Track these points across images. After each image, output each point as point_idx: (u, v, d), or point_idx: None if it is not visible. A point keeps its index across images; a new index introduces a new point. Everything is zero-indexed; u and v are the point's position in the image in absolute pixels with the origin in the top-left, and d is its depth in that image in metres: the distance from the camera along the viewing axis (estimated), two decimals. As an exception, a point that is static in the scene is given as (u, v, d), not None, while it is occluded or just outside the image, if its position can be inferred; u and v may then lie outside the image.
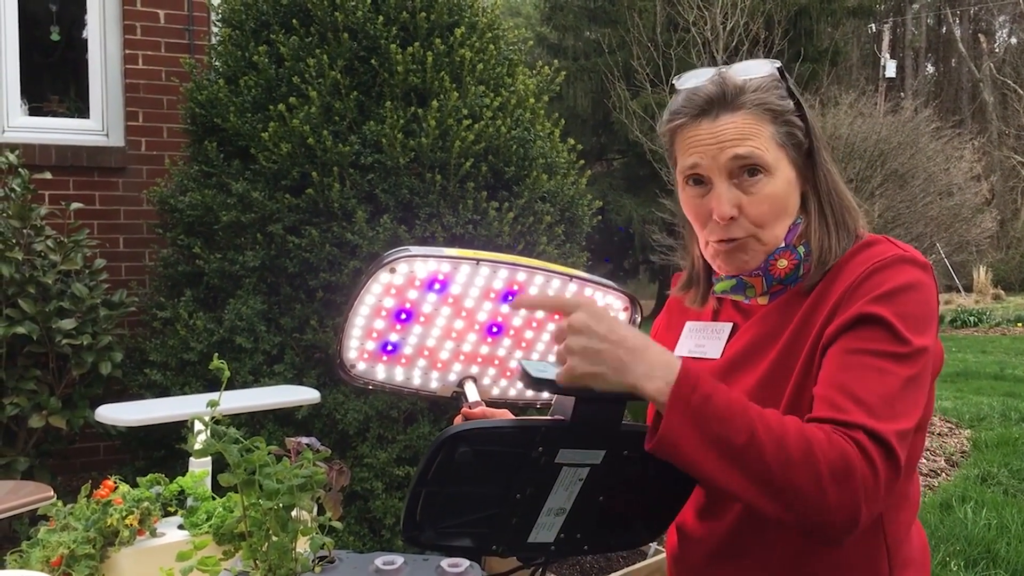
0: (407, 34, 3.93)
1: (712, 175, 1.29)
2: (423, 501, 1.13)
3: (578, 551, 1.23)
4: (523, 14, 25.28)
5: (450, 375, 1.49)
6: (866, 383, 1.15)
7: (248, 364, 3.64)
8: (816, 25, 16.68)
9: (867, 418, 1.11)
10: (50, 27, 5.76)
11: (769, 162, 1.28)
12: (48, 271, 3.97)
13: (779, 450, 1.07)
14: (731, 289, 1.38)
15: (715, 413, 1.08)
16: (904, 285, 1.22)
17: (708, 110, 1.29)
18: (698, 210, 1.33)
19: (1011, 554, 4.19)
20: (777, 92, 1.30)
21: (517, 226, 3.87)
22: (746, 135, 1.27)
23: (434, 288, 1.39)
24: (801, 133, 1.31)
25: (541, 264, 1.44)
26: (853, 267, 1.26)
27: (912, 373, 1.17)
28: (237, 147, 3.96)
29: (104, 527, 1.63)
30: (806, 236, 1.32)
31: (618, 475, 1.17)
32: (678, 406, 1.08)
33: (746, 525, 1.32)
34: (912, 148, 12.02)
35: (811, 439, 1.08)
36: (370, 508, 3.58)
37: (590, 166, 7.39)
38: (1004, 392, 8.68)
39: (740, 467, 1.08)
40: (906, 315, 1.20)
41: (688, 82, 1.34)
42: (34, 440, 4.03)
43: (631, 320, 1.50)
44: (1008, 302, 18.10)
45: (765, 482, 1.07)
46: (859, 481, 1.07)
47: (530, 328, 1.47)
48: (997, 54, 30.40)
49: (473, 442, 1.09)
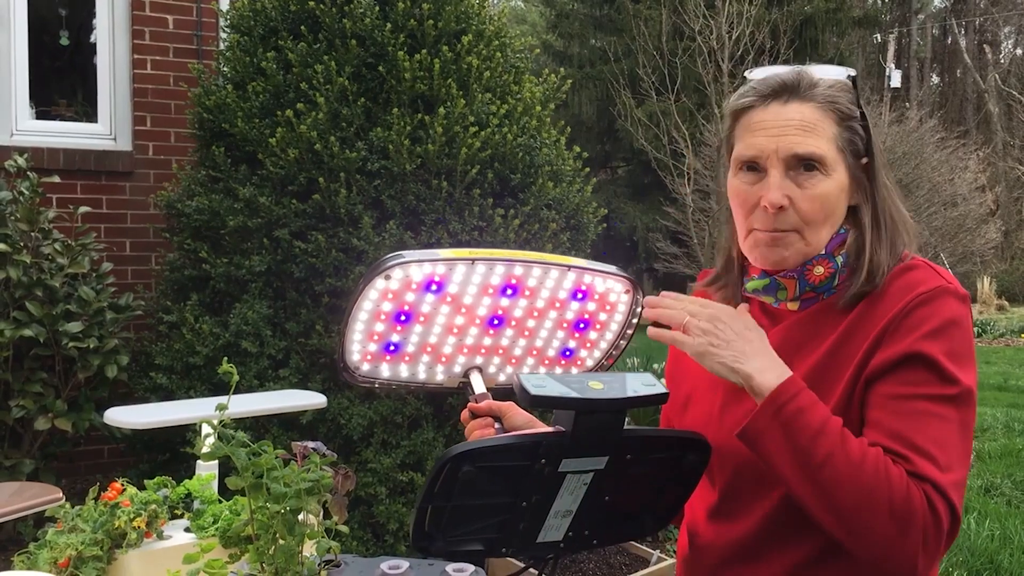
0: (415, 41, 3.95)
1: (769, 163, 1.29)
2: (431, 514, 1.14)
3: (587, 546, 1.26)
4: (529, 22, 25.35)
5: (455, 367, 1.50)
6: (926, 432, 1.18)
7: (253, 368, 3.66)
8: (821, 35, 16.71)
9: (933, 470, 1.15)
10: (59, 31, 5.79)
11: (828, 161, 1.28)
12: (55, 274, 3.98)
13: (852, 478, 1.13)
14: (763, 288, 1.36)
15: (803, 425, 1.16)
16: (950, 321, 1.23)
17: (780, 94, 1.30)
18: (747, 196, 1.32)
19: (1014, 565, 4.19)
20: (848, 96, 1.31)
21: (523, 233, 3.88)
22: (811, 129, 1.28)
23: (431, 289, 1.40)
24: (862, 143, 1.32)
25: (537, 256, 1.44)
26: (895, 293, 1.27)
27: (964, 417, 1.21)
28: (244, 152, 3.97)
29: (112, 529, 1.64)
30: (847, 248, 1.32)
31: (623, 476, 1.18)
32: (770, 408, 1.17)
33: (760, 530, 1.32)
34: (917, 158, 12.03)
35: (884, 476, 1.13)
36: (373, 513, 3.59)
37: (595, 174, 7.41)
38: (1008, 403, 8.67)
39: (812, 481, 1.15)
40: (953, 353, 1.22)
41: (764, 71, 1.35)
42: (39, 442, 4.05)
43: (633, 301, 1.51)
44: (1012, 313, 18.06)
45: (832, 503, 1.14)
46: (920, 529, 1.12)
47: (532, 317, 1.48)
48: (1002, 65, 30.39)
49: (476, 460, 1.10)
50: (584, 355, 1.56)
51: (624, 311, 1.52)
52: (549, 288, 1.46)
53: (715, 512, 1.39)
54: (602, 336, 1.54)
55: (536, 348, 1.52)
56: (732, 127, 1.36)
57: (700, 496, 1.41)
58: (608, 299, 1.50)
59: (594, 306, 1.50)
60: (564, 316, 1.50)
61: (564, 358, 1.55)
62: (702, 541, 1.41)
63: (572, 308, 1.49)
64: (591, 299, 1.49)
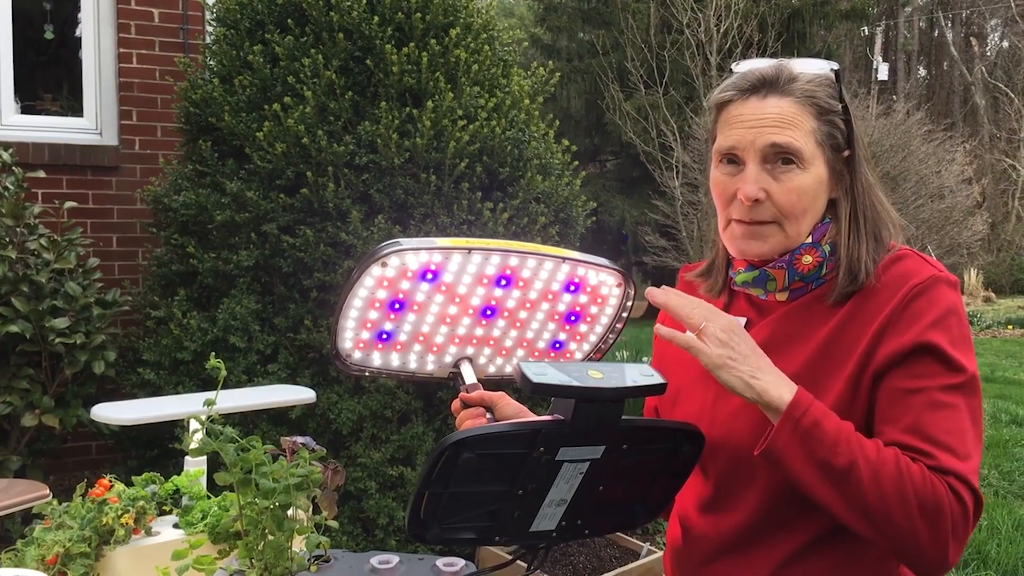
0: (402, 35, 3.93)
1: (747, 156, 1.30)
2: (427, 501, 1.14)
3: (579, 535, 1.26)
4: (517, 15, 25.30)
5: (446, 357, 1.50)
6: (941, 423, 1.20)
7: (242, 364, 3.64)
8: (809, 28, 16.72)
9: (954, 461, 1.18)
10: (44, 25, 5.75)
11: (805, 155, 1.29)
12: (41, 270, 3.96)
13: (875, 480, 1.15)
14: (752, 281, 1.37)
15: (821, 437, 1.17)
16: (949, 310, 1.25)
17: (759, 88, 1.31)
18: (725, 188, 1.34)
19: (1001, 555, 4.22)
20: (828, 91, 1.32)
21: (511, 227, 3.88)
22: (788, 123, 1.28)
23: (426, 278, 1.40)
24: (842, 137, 1.32)
25: (532, 248, 1.44)
26: (888, 284, 1.28)
27: (973, 402, 1.24)
28: (231, 146, 3.95)
29: (100, 526, 1.63)
30: (833, 239, 1.33)
31: (618, 466, 1.19)
32: (788, 424, 1.17)
33: (753, 521, 1.33)
34: (904, 151, 12.06)
35: (906, 475, 1.16)
36: (363, 508, 3.59)
37: (584, 167, 7.40)
38: (994, 394, 8.72)
39: (839, 490, 1.17)
40: (956, 341, 1.24)
41: (746, 65, 1.36)
42: (27, 439, 4.02)
43: (624, 295, 1.51)
44: (999, 304, 18.15)
45: (861, 508, 1.16)
46: (948, 521, 1.15)
47: (524, 309, 1.48)
48: (989, 57, 30.49)
49: (476, 447, 1.10)
50: (573, 348, 1.56)
51: (615, 304, 1.52)
52: (543, 280, 1.46)
53: (708, 504, 1.40)
54: (592, 329, 1.54)
55: (527, 340, 1.52)
56: (715, 119, 1.37)
57: (693, 489, 1.42)
58: (600, 292, 1.50)
59: (586, 299, 1.50)
60: (556, 308, 1.50)
61: (554, 350, 1.55)
62: (695, 533, 1.41)
63: (564, 300, 1.49)
64: (583, 292, 1.49)
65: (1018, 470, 5.88)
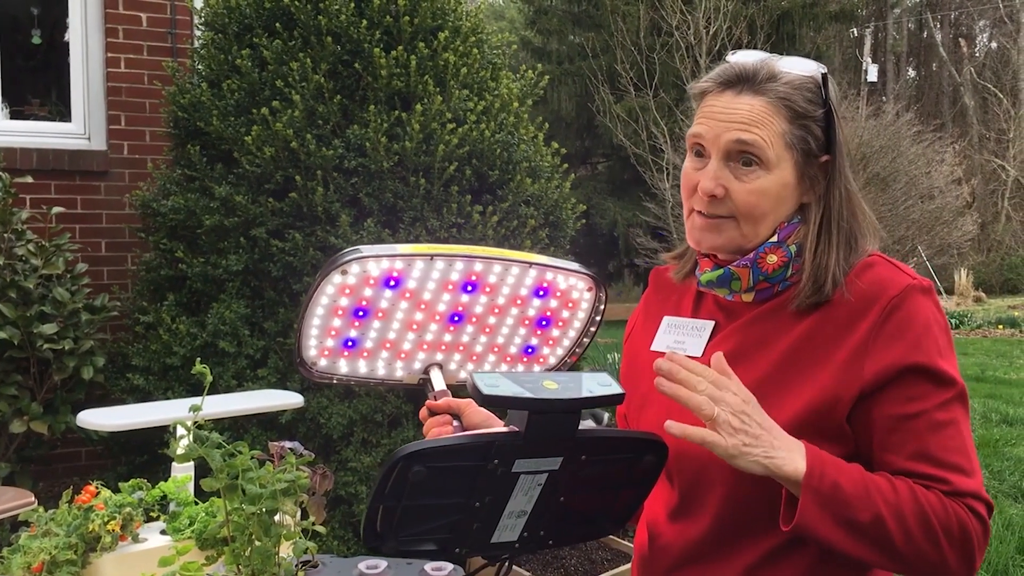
0: (391, 38, 3.93)
1: (711, 150, 1.30)
2: (381, 514, 1.12)
3: (543, 546, 1.24)
4: (507, 18, 25.33)
5: (415, 363, 1.48)
6: (945, 443, 1.22)
7: (231, 368, 3.63)
8: (798, 30, 16.77)
9: (966, 481, 1.21)
10: (32, 30, 5.73)
11: (769, 157, 1.27)
12: (29, 275, 3.94)
13: (901, 523, 1.17)
14: (717, 280, 1.35)
15: (843, 498, 1.17)
16: (929, 321, 1.26)
17: (736, 83, 1.30)
18: (690, 179, 1.33)
19: (992, 554, 4.23)
20: (808, 95, 1.29)
21: (501, 230, 3.87)
22: (756, 122, 1.27)
23: (390, 285, 1.39)
24: (816, 143, 1.30)
25: (498, 252, 1.43)
26: (860, 294, 1.26)
27: (966, 410, 1.26)
28: (220, 151, 3.94)
29: (86, 533, 1.62)
30: (800, 240, 1.31)
31: (578, 477, 1.16)
32: (810, 495, 1.17)
33: (717, 530, 1.32)
34: (894, 152, 12.11)
35: (927, 508, 1.18)
36: (354, 512, 3.58)
37: (574, 170, 7.41)
38: (985, 394, 8.75)
39: (868, 542, 1.18)
40: (943, 352, 1.25)
41: (736, 57, 1.34)
42: (15, 445, 4.00)
43: (596, 299, 1.50)
44: (989, 304, 18.22)
45: (890, 552, 1.18)
46: (974, 541, 1.20)
47: (493, 314, 1.47)
48: (978, 58, 30.62)
49: (427, 460, 1.08)
50: (547, 352, 1.55)
51: (587, 308, 1.51)
52: (510, 285, 1.44)
53: (676, 512, 1.38)
54: (564, 334, 1.53)
55: (497, 345, 1.51)
56: (697, 107, 1.37)
57: (661, 497, 1.41)
58: (571, 296, 1.49)
59: (556, 303, 1.49)
60: (526, 313, 1.48)
61: (527, 355, 1.54)
62: (662, 541, 1.40)
63: (534, 305, 1.48)
64: (553, 296, 1.48)
65: (1008, 469, 5.91)
